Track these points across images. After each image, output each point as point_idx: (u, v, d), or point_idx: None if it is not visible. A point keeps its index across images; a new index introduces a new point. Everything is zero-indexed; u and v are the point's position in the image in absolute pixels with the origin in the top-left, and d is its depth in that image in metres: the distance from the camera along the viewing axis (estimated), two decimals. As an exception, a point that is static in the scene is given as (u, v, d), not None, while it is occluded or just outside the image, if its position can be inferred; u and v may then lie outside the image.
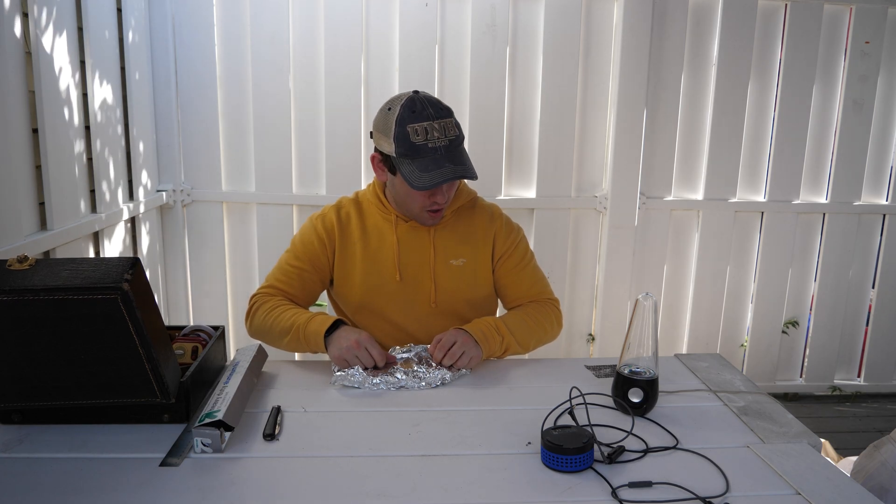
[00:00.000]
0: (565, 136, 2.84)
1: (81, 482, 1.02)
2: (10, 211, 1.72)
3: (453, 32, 2.72)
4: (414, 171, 1.43)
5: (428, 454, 1.13)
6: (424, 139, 1.43)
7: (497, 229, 1.64)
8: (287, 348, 1.55)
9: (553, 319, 1.66)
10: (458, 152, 1.47)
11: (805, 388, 3.24)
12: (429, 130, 1.43)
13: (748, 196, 3.03)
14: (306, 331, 1.47)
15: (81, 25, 2.09)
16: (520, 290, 1.67)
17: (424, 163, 1.43)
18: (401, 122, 1.44)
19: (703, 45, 2.87)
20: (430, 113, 1.45)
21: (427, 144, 1.43)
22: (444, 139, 1.44)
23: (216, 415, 1.13)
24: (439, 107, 1.48)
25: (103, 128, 2.22)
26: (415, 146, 1.43)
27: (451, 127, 1.47)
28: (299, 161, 2.78)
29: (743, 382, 1.45)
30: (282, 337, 1.52)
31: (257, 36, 2.65)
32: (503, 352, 1.55)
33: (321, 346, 1.46)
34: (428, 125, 1.43)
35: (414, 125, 1.43)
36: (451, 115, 1.49)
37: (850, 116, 2.97)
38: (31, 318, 1.03)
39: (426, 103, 1.46)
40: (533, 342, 1.61)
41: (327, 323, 1.46)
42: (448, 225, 1.61)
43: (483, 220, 1.64)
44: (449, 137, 1.45)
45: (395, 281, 1.59)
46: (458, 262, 1.60)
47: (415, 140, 1.43)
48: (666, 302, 3.08)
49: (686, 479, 1.05)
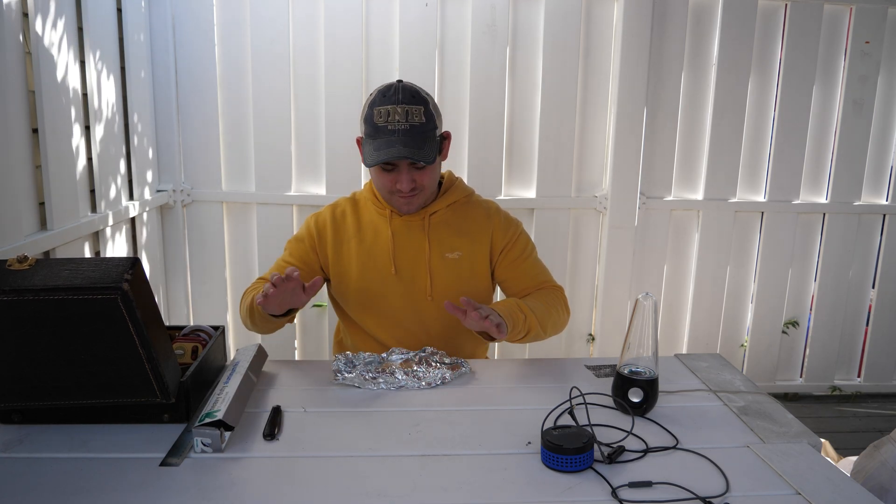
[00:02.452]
0: (565, 136, 2.84)
1: (81, 482, 1.02)
2: (10, 211, 1.72)
3: (453, 32, 2.72)
4: (370, 151, 1.50)
5: (428, 454, 1.12)
6: (385, 121, 1.47)
7: (495, 225, 1.65)
8: (263, 329, 1.58)
9: (562, 305, 1.66)
10: (417, 138, 1.48)
11: (805, 388, 3.24)
12: (391, 113, 1.47)
13: (748, 196, 3.03)
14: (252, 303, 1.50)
15: (81, 25, 2.09)
16: (524, 281, 1.66)
17: (379, 143, 1.48)
18: (371, 104, 1.51)
19: (703, 45, 2.87)
20: (398, 98, 1.48)
21: (387, 126, 1.47)
22: (404, 123, 1.47)
23: (216, 415, 1.13)
24: (412, 94, 1.50)
25: (103, 128, 2.22)
26: (376, 127, 1.48)
27: (416, 113, 1.48)
28: (299, 161, 2.78)
29: (743, 382, 1.45)
30: (252, 318, 1.55)
31: (257, 36, 2.66)
32: (526, 332, 1.51)
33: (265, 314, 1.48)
34: (391, 108, 1.47)
35: (380, 108, 1.48)
36: (423, 104, 1.50)
37: (850, 116, 2.97)
38: (31, 318, 1.03)
39: (400, 90, 1.49)
40: (549, 325, 1.58)
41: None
42: (443, 219, 1.62)
43: (479, 214, 1.66)
44: (411, 122, 1.48)
45: (391, 275, 1.59)
46: (453, 256, 1.61)
47: (377, 121, 1.48)
48: (666, 302, 3.08)
49: (686, 479, 1.05)
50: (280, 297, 1.38)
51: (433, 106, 1.53)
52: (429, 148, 1.49)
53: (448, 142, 1.62)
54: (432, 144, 1.50)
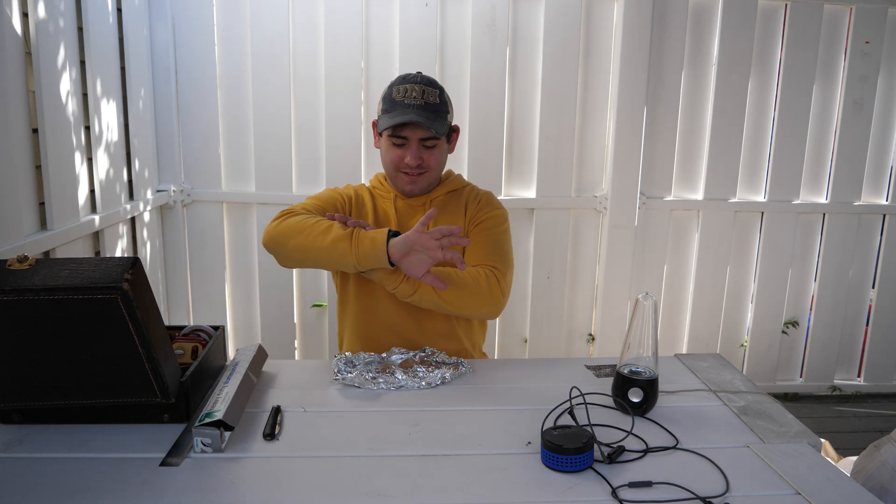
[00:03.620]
0: (565, 136, 2.84)
1: (81, 482, 1.02)
2: (10, 211, 1.72)
3: (453, 32, 2.72)
4: (385, 120, 1.57)
5: (428, 454, 1.12)
6: (402, 97, 1.56)
7: (479, 201, 1.69)
8: (314, 242, 1.46)
9: (486, 286, 1.51)
10: (430, 112, 1.56)
11: (805, 388, 3.24)
12: (408, 90, 1.56)
13: (748, 196, 3.03)
14: (361, 231, 1.45)
15: (81, 25, 2.09)
16: (474, 253, 1.60)
17: (395, 114, 1.55)
18: (391, 86, 1.60)
19: (703, 45, 2.87)
20: (417, 79, 1.58)
21: (404, 101, 1.55)
22: (420, 100, 1.55)
23: (216, 414, 1.13)
24: (430, 81, 1.60)
25: (103, 128, 2.22)
26: (393, 101, 1.57)
27: (433, 94, 1.57)
28: (299, 161, 2.78)
29: (743, 382, 1.45)
30: (317, 230, 1.46)
31: (257, 36, 2.66)
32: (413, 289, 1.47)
33: (381, 239, 1.42)
34: (409, 87, 1.56)
35: (398, 86, 1.58)
36: (440, 89, 1.60)
37: (850, 116, 2.97)
38: (31, 318, 1.03)
39: (419, 76, 1.60)
40: (451, 292, 1.48)
41: (384, 230, 1.45)
42: (442, 203, 1.68)
43: (470, 197, 1.72)
44: (427, 100, 1.56)
45: None
46: None
47: (394, 97, 1.57)
48: (666, 302, 3.08)
49: (686, 479, 1.05)
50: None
51: (447, 96, 1.62)
52: (441, 123, 1.57)
53: (457, 135, 1.70)
54: (444, 123, 1.58)
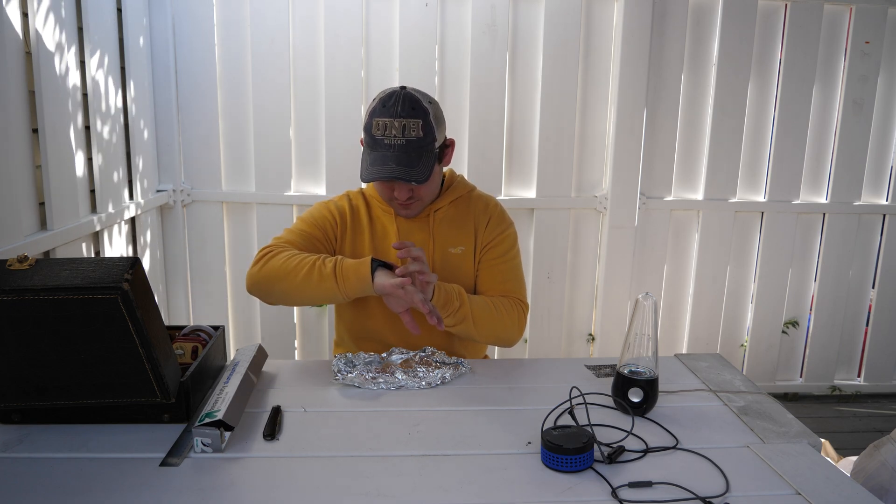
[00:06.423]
0: (565, 136, 2.84)
1: (81, 482, 1.02)
2: (10, 211, 1.72)
3: (453, 32, 2.72)
4: (366, 163, 1.50)
5: (428, 454, 1.12)
6: (382, 134, 1.46)
7: (488, 219, 1.65)
8: (300, 286, 1.46)
9: (516, 319, 1.59)
10: (412, 154, 1.46)
11: (805, 388, 3.24)
12: (388, 127, 1.46)
13: (748, 196, 3.03)
14: (344, 263, 1.45)
15: (81, 25, 2.09)
16: (492, 282, 1.62)
17: (375, 157, 1.48)
18: (371, 113, 1.49)
19: (703, 45, 2.87)
20: (396, 111, 1.46)
21: (384, 140, 1.46)
22: (401, 138, 1.45)
23: (216, 415, 1.13)
24: (412, 106, 1.46)
25: (103, 128, 2.22)
26: (374, 139, 1.48)
27: (414, 128, 1.45)
28: (299, 161, 2.78)
29: (743, 382, 1.44)
30: (301, 273, 1.46)
31: (257, 36, 2.66)
32: (457, 321, 1.49)
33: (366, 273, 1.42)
34: (389, 122, 1.45)
35: (378, 119, 1.47)
36: (423, 116, 1.47)
37: (850, 116, 2.97)
38: (31, 318, 1.03)
39: (400, 100, 1.46)
40: (489, 330, 1.54)
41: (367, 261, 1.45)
42: (446, 215, 1.64)
43: (478, 208, 1.66)
44: (407, 137, 1.45)
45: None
46: (456, 251, 1.62)
47: (375, 133, 1.47)
48: (666, 302, 3.08)
49: (686, 479, 1.05)
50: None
51: (434, 116, 1.50)
52: (423, 165, 1.47)
53: (451, 149, 1.61)
54: (428, 160, 1.48)
